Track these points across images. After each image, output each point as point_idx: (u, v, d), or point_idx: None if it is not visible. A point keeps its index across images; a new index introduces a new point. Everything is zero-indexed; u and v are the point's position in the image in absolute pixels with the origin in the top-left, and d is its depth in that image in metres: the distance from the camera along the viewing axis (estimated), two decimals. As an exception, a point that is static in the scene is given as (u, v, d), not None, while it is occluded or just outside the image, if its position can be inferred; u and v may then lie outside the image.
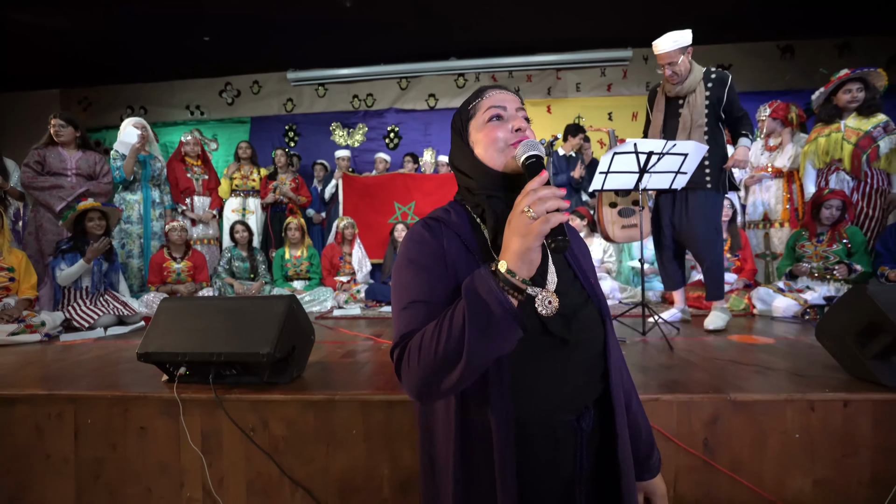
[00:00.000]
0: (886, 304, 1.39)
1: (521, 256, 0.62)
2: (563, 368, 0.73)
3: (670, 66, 2.40)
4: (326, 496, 1.49)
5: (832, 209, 2.75)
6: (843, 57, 5.21)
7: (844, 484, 1.36)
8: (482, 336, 0.61)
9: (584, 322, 0.75)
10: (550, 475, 0.73)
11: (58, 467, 1.60)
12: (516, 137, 0.75)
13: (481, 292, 0.62)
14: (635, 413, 0.89)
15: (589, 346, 0.76)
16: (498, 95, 0.79)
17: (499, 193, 0.76)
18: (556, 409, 0.72)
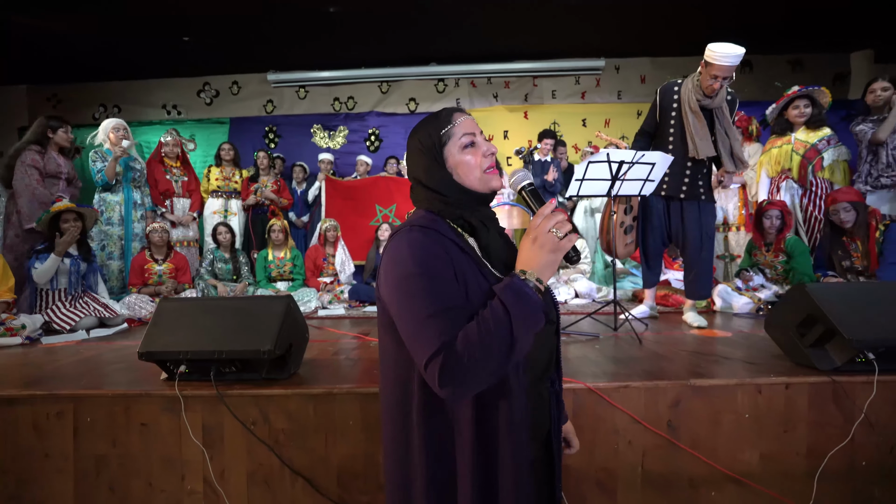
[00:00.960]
0: (821, 299, 1.60)
1: (547, 267, 0.77)
2: (547, 343, 0.91)
3: (725, 80, 2.38)
4: (326, 484, 1.59)
5: (772, 219, 3.01)
6: (795, 72, 5.61)
7: (785, 456, 1.56)
8: (527, 330, 0.74)
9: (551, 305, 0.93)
10: (538, 430, 0.89)
11: (57, 465, 1.65)
12: (488, 162, 0.88)
13: (523, 294, 0.74)
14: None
15: (554, 324, 0.95)
16: (467, 123, 0.88)
17: (477, 209, 0.89)
18: (543, 376, 0.91)
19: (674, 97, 2.58)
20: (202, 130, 5.84)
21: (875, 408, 1.54)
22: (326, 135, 5.80)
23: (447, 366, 0.72)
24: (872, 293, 1.65)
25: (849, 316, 1.55)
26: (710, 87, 2.39)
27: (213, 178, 4.56)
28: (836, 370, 1.59)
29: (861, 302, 1.60)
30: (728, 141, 2.52)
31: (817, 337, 1.62)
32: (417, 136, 0.90)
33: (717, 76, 2.35)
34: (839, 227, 2.84)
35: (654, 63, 5.71)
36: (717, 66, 2.32)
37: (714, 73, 2.35)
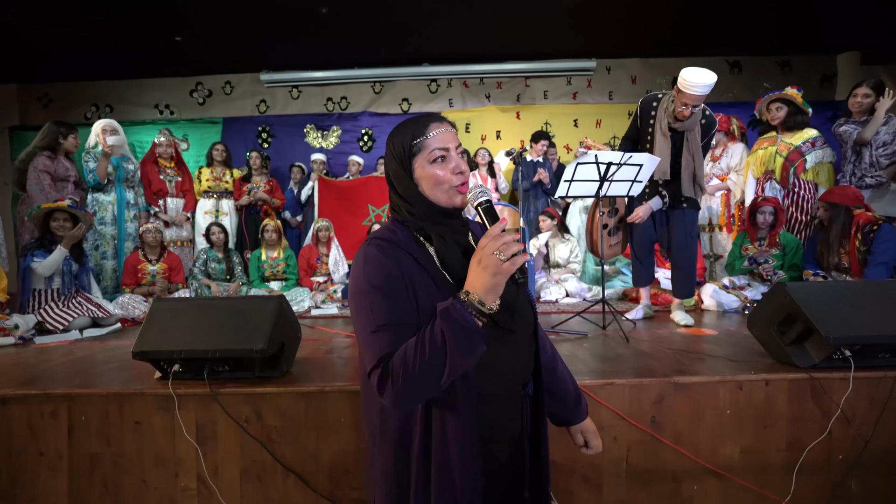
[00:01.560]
0: (800, 298, 1.65)
1: (491, 290, 0.76)
2: (512, 351, 0.90)
3: (694, 108, 2.37)
4: (318, 480, 1.62)
5: (765, 214, 3.09)
6: (783, 73, 5.69)
7: (765, 450, 1.61)
8: (461, 354, 0.75)
9: (520, 312, 0.91)
10: (507, 435, 0.91)
11: (52, 463, 1.67)
12: (459, 180, 0.87)
13: (458, 320, 0.74)
14: (562, 372, 1.11)
15: (525, 330, 0.93)
16: (441, 136, 0.87)
17: (442, 221, 0.89)
18: (511, 382, 0.91)
19: (651, 112, 2.61)
20: (195, 130, 5.82)
21: (851, 403, 1.59)
22: (320, 135, 5.81)
23: (383, 379, 0.77)
24: (851, 292, 1.70)
25: (827, 314, 1.60)
26: (680, 112, 2.43)
27: (204, 178, 4.56)
28: (814, 367, 1.64)
29: (839, 301, 1.65)
30: (692, 166, 2.53)
31: (797, 335, 1.67)
32: (392, 140, 0.91)
33: (687, 104, 2.37)
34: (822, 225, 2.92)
35: (645, 64, 5.76)
36: (688, 94, 2.33)
37: (684, 100, 2.37)
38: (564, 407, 1.10)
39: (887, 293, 1.68)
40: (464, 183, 0.88)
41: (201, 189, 4.53)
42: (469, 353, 0.76)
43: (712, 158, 3.98)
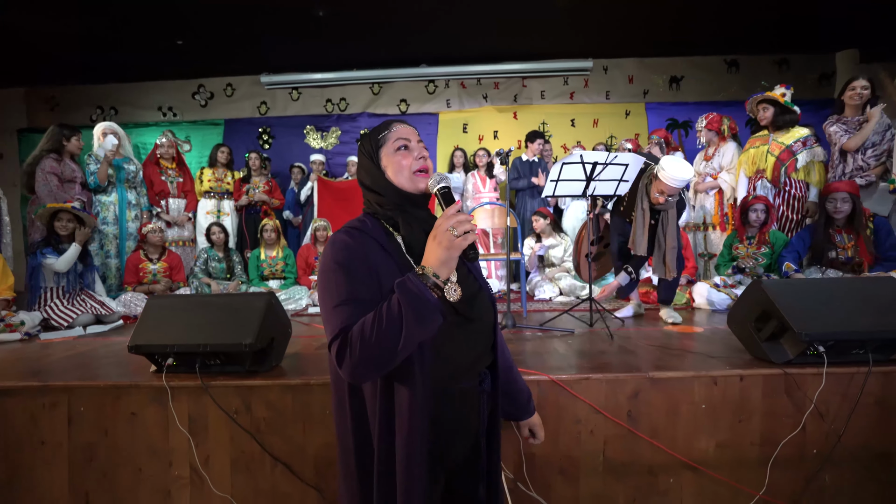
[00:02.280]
0: (775, 295, 1.68)
1: (444, 263, 0.82)
2: (469, 341, 0.96)
3: (669, 197, 2.41)
4: (304, 469, 1.67)
5: (757, 212, 3.12)
6: (781, 72, 5.69)
7: (740, 444, 1.64)
8: (417, 324, 0.79)
9: (480, 304, 0.98)
10: (463, 429, 0.96)
11: (52, 452, 1.74)
12: (419, 165, 0.95)
13: (414, 290, 0.80)
14: (516, 372, 1.20)
15: (484, 323, 0.98)
16: (402, 130, 0.97)
17: (407, 208, 0.95)
18: (466, 374, 0.96)
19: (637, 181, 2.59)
20: (197, 132, 5.92)
21: (824, 398, 1.62)
22: (319, 136, 5.89)
23: (342, 349, 0.82)
24: (825, 289, 1.73)
25: (800, 311, 1.63)
26: (655, 198, 2.47)
27: (206, 179, 4.64)
28: (788, 363, 1.68)
29: (813, 297, 1.68)
30: (664, 247, 2.55)
31: (772, 331, 1.71)
32: (362, 142, 1.02)
33: (663, 192, 2.41)
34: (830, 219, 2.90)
35: (642, 64, 5.79)
36: (664, 183, 2.38)
37: (660, 187, 2.42)
38: (515, 404, 1.20)
39: (861, 290, 1.71)
40: (423, 169, 0.96)
41: (203, 189, 4.61)
42: (423, 323, 0.80)
43: (704, 158, 4.00)
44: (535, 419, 1.24)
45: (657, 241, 2.57)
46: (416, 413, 0.86)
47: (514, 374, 1.19)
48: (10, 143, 5.99)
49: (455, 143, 5.64)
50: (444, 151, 5.54)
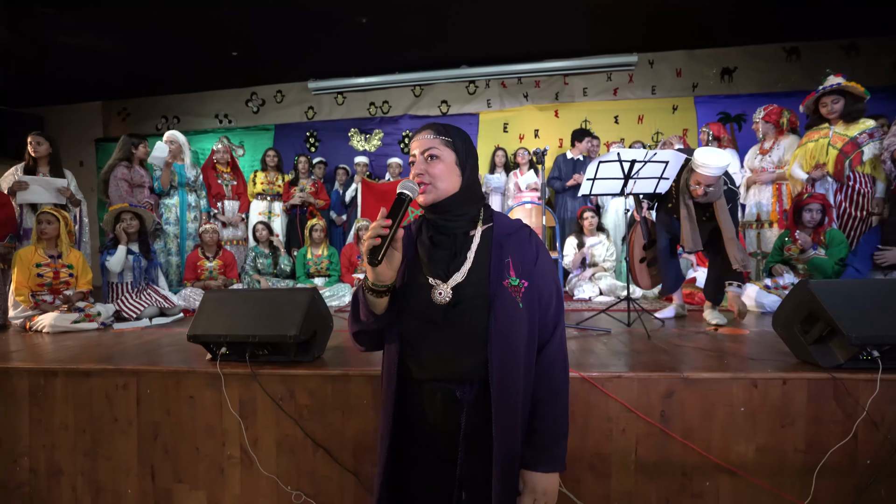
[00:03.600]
0: (823, 296, 1.60)
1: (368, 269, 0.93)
2: (442, 344, 0.97)
3: (707, 187, 2.34)
4: (343, 454, 1.77)
5: (812, 212, 2.92)
6: (849, 58, 5.27)
7: (782, 450, 1.58)
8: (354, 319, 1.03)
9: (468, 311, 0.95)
10: (438, 429, 1.01)
11: (123, 428, 1.94)
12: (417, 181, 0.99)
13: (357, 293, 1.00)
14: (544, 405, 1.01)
15: (470, 331, 0.95)
16: (413, 144, 1.02)
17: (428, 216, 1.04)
18: (437, 375, 0.99)
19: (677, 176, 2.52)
20: (250, 137, 6.29)
21: (878, 406, 1.53)
22: (363, 138, 6.08)
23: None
24: (878, 291, 1.63)
25: (851, 313, 1.55)
26: (694, 191, 2.39)
27: (259, 181, 4.93)
28: (838, 367, 1.59)
29: (865, 299, 1.59)
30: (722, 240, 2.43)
31: (819, 334, 1.63)
32: None
33: (700, 183, 2.34)
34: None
35: (690, 56, 5.54)
36: (699, 174, 2.32)
37: (697, 179, 2.36)
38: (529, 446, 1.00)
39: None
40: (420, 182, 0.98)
41: (255, 191, 4.90)
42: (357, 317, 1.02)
43: (761, 151, 3.79)
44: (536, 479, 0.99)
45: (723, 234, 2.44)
46: (389, 395, 1.03)
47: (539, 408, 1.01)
48: (89, 152, 6.60)
49: (496, 142, 5.65)
50: (484, 151, 5.57)
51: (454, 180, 1.00)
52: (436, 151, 0.99)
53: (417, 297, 0.98)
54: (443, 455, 1.01)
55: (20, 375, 2.03)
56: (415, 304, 0.98)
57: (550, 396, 1.02)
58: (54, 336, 2.81)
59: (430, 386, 0.99)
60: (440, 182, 0.98)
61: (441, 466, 1.01)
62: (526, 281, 0.99)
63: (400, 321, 1.01)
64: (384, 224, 0.87)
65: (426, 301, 0.96)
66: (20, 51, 5.04)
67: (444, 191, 0.99)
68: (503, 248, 1.00)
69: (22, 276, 3.01)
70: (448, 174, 0.99)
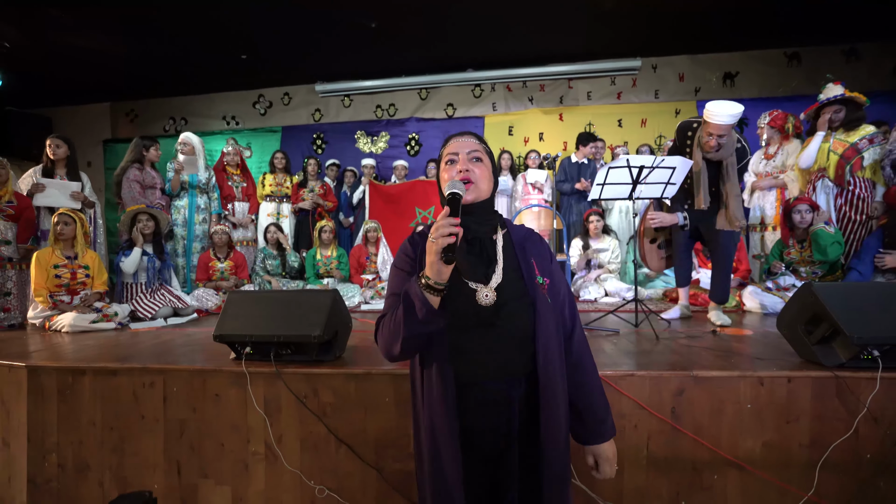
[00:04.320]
0: (827, 299, 1.68)
1: (430, 267, 0.90)
2: (492, 344, 1.00)
3: (719, 138, 2.40)
4: (365, 451, 1.84)
5: (801, 213, 3.02)
6: (849, 62, 5.35)
7: (787, 445, 1.65)
8: (409, 321, 0.93)
9: (513, 314, 1.00)
10: (489, 427, 1.01)
11: (150, 425, 2.01)
12: (460, 177, 1.00)
13: (411, 293, 0.93)
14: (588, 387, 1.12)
15: (516, 330, 1.00)
16: (453, 145, 1.06)
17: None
18: (487, 375, 1.00)
19: (687, 141, 2.62)
20: (257, 138, 6.35)
21: (879, 403, 1.60)
22: (369, 140, 6.15)
23: (376, 330, 1.06)
24: (879, 293, 1.70)
25: (853, 314, 1.62)
26: (707, 143, 2.45)
27: (267, 183, 5.00)
28: (841, 366, 1.67)
29: (867, 301, 1.66)
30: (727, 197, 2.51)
31: (823, 334, 1.70)
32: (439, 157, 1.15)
33: (713, 133, 2.40)
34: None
35: (694, 60, 5.62)
36: (712, 124, 2.38)
37: (710, 130, 2.41)
38: (581, 423, 1.12)
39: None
40: (464, 179, 1.01)
41: (264, 193, 4.96)
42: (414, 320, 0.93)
43: (765, 156, 3.87)
44: (603, 449, 1.12)
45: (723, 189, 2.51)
46: (435, 402, 1.00)
47: (583, 391, 1.11)
48: (97, 153, 6.67)
49: (501, 145, 5.72)
50: (489, 154, 5.64)
51: (489, 186, 1.07)
52: (479, 154, 1.06)
53: (460, 301, 0.98)
54: (489, 456, 1.04)
55: (48, 374, 2.10)
56: (461, 307, 0.99)
57: (591, 377, 1.13)
58: (74, 336, 2.87)
59: (480, 388, 1.01)
60: (482, 183, 1.04)
61: (484, 468, 1.04)
62: (548, 279, 1.07)
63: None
64: (453, 222, 0.87)
65: (472, 304, 0.98)
66: (30, 52, 5.10)
67: (483, 192, 1.05)
68: (525, 250, 1.08)
69: (40, 277, 3.07)
70: (487, 178, 1.06)
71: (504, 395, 1.01)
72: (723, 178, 2.51)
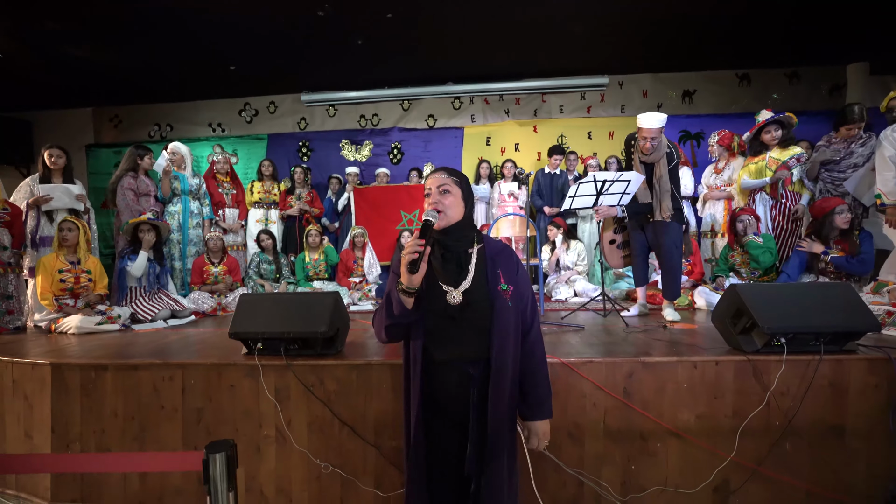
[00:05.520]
0: (746, 297, 2.05)
1: (403, 276, 1.25)
2: (458, 334, 1.33)
3: (651, 140, 2.90)
4: (365, 431, 2.12)
5: (744, 222, 3.47)
6: (792, 84, 5.92)
7: (716, 416, 2.02)
8: (389, 312, 1.32)
9: (475, 309, 1.31)
10: (455, 399, 1.35)
11: (169, 415, 2.24)
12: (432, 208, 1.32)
13: (391, 294, 1.30)
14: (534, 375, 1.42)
15: (476, 324, 1.32)
16: (430, 180, 1.35)
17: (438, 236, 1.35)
18: (455, 356, 1.34)
19: (631, 150, 3.11)
20: (243, 145, 6.51)
21: (785, 380, 1.98)
22: (354, 148, 6.40)
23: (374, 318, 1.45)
24: (789, 292, 2.10)
25: (766, 310, 2.00)
26: (643, 146, 2.92)
27: (256, 191, 5.20)
28: (756, 352, 2.05)
29: (778, 299, 2.04)
30: (659, 192, 2.96)
31: (744, 326, 2.08)
32: None
33: (647, 137, 2.88)
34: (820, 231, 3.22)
35: (656, 78, 6.11)
36: (644, 129, 2.89)
37: (643, 134, 2.91)
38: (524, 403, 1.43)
39: (817, 293, 2.07)
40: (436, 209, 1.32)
41: (252, 200, 5.17)
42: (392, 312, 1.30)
43: (715, 170, 4.34)
44: (536, 426, 1.42)
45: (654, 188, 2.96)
46: (415, 377, 1.35)
47: (530, 378, 1.40)
48: (79, 158, 6.65)
49: (479, 155, 6.07)
50: (469, 163, 5.98)
51: (459, 210, 1.36)
52: (448, 187, 1.35)
53: (436, 300, 1.31)
54: (455, 420, 1.37)
55: (72, 370, 2.31)
56: (435, 304, 1.32)
57: (536, 367, 1.42)
58: (80, 337, 3.05)
59: (449, 366, 1.34)
60: (450, 210, 1.33)
61: (453, 431, 1.38)
62: (512, 286, 1.36)
63: (423, 318, 1.35)
64: (419, 243, 1.21)
65: (443, 303, 1.31)
66: (15, 59, 5.14)
67: (452, 217, 1.35)
68: (495, 263, 1.37)
69: (46, 282, 3.23)
70: (456, 205, 1.35)
71: (466, 373, 1.34)
72: (656, 175, 2.95)
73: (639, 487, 2.03)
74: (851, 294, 2.05)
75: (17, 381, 2.43)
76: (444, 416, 1.38)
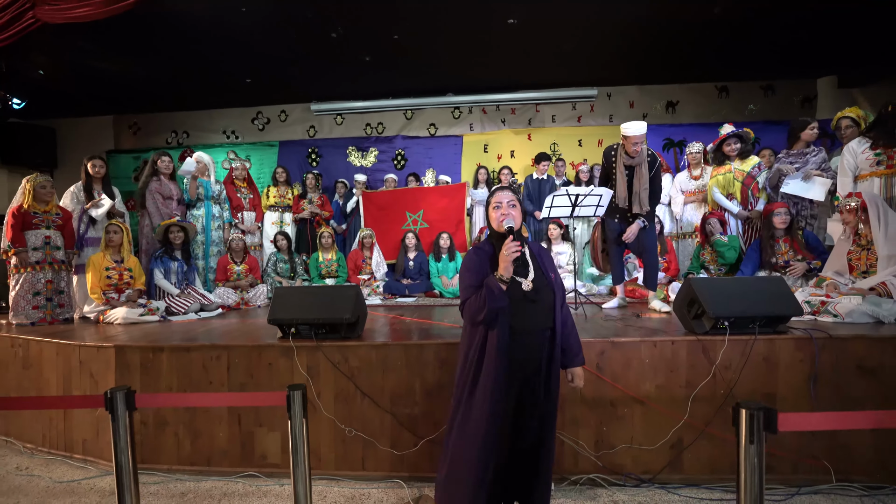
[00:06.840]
0: (698, 288, 2.49)
1: (504, 269, 1.62)
2: (534, 310, 1.70)
3: (637, 145, 3.27)
4: (383, 401, 2.55)
5: (712, 224, 3.92)
6: (767, 96, 6.38)
7: (672, 386, 2.45)
8: (490, 300, 1.61)
9: (543, 293, 1.71)
10: (531, 357, 1.72)
11: (217, 389, 2.65)
12: (502, 218, 1.73)
13: (490, 284, 1.62)
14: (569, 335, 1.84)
15: (545, 303, 1.71)
16: (497, 196, 1.78)
17: (496, 243, 1.76)
18: (533, 326, 1.71)
19: (612, 158, 3.46)
20: (255, 152, 6.93)
21: (728, 356, 2.41)
22: (360, 155, 6.83)
23: (462, 309, 1.77)
24: (734, 284, 2.53)
25: (713, 298, 2.43)
26: (633, 150, 3.30)
27: (272, 195, 5.62)
28: (705, 333, 2.48)
29: (724, 290, 2.48)
30: (637, 191, 3.37)
31: (696, 312, 2.52)
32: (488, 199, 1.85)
33: (636, 142, 3.26)
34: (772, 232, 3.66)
35: (641, 90, 6.55)
36: (630, 136, 3.24)
37: (632, 140, 3.27)
38: (565, 356, 1.83)
39: (756, 285, 2.51)
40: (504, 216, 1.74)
41: (268, 204, 5.58)
42: (492, 300, 1.61)
43: (692, 178, 4.78)
44: (578, 370, 1.86)
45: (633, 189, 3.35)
46: (500, 345, 1.71)
47: (569, 337, 1.82)
48: (100, 163, 7.07)
49: (477, 161, 6.51)
50: (468, 169, 6.42)
51: (520, 220, 1.83)
52: (514, 202, 1.81)
53: (513, 288, 1.67)
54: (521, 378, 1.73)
55: (133, 352, 2.73)
56: (514, 291, 1.68)
57: (571, 329, 1.87)
58: (126, 326, 3.47)
59: (532, 334, 1.71)
60: (518, 220, 1.78)
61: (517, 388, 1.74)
62: (553, 274, 1.84)
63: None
64: (516, 244, 1.61)
65: (519, 290, 1.69)
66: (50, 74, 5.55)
67: (518, 225, 1.80)
68: (541, 257, 1.85)
69: (95, 278, 3.65)
70: (518, 216, 1.81)
71: (538, 339, 1.74)
72: (636, 176, 3.36)
73: (609, 445, 2.46)
74: (783, 286, 2.49)
75: (84, 361, 2.84)
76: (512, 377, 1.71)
